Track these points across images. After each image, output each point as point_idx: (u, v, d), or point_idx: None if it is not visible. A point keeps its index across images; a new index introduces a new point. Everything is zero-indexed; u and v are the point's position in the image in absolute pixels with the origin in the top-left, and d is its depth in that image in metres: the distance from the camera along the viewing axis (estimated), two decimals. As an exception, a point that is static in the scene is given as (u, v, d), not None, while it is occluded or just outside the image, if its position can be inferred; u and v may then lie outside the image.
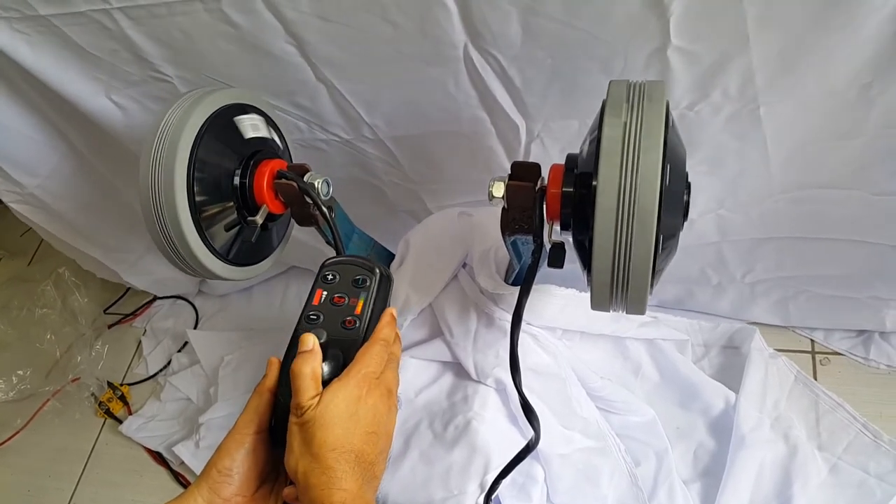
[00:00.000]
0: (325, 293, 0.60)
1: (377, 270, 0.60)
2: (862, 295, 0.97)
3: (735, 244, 0.95)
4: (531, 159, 0.86)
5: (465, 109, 0.82)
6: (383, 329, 0.58)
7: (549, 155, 0.85)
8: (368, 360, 0.55)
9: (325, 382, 0.54)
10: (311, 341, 0.55)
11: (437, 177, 0.95)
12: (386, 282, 0.61)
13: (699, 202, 0.87)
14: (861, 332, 1.04)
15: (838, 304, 1.00)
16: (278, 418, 0.55)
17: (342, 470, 0.49)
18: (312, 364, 0.53)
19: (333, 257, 0.63)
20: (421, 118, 0.86)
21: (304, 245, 1.11)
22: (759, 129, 0.76)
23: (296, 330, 0.58)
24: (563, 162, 0.63)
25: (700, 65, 0.70)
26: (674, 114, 0.74)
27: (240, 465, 0.53)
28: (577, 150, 0.62)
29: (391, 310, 0.60)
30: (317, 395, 0.52)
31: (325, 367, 0.55)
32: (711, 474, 0.92)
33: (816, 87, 0.71)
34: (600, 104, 0.55)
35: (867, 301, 0.97)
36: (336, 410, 0.51)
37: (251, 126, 0.77)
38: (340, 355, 0.56)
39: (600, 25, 0.69)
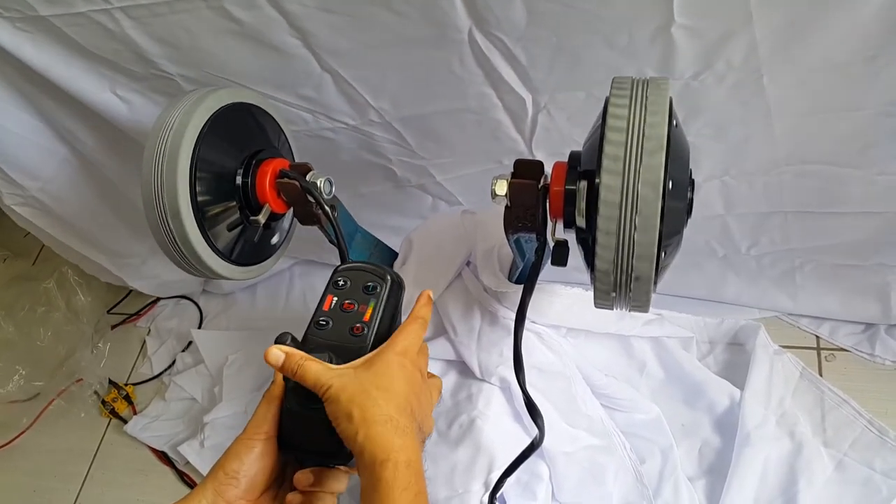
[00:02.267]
0: (335, 299, 0.59)
1: (388, 277, 0.60)
2: (867, 262, 0.96)
3: (740, 217, 0.95)
4: (538, 129, 0.87)
5: (470, 87, 0.82)
6: (421, 308, 0.59)
7: (557, 124, 0.85)
8: (406, 335, 0.57)
9: None
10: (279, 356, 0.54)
11: (446, 152, 0.96)
12: (397, 289, 0.61)
13: (704, 167, 0.87)
14: (867, 327, 1.03)
15: (844, 273, 0.99)
16: (284, 424, 0.55)
17: (403, 421, 0.51)
18: (313, 364, 0.53)
19: (345, 263, 0.62)
20: (427, 98, 0.86)
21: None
22: (763, 97, 0.76)
23: (305, 336, 0.58)
24: (570, 137, 0.62)
25: (704, 39, 0.71)
26: (678, 84, 0.75)
27: (248, 468, 0.53)
28: (583, 120, 0.62)
29: (428, 291, 0.61)
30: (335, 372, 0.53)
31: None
32: (716, 471, 0.92)
33: (820, 60, 0.71)
34: (605, 76, 0.55)
35: (872, 268, 0.96)
36: (393, 368, 0.53)
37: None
38: (338, 360, 0.56)
39: (604, 6, 0.69)
